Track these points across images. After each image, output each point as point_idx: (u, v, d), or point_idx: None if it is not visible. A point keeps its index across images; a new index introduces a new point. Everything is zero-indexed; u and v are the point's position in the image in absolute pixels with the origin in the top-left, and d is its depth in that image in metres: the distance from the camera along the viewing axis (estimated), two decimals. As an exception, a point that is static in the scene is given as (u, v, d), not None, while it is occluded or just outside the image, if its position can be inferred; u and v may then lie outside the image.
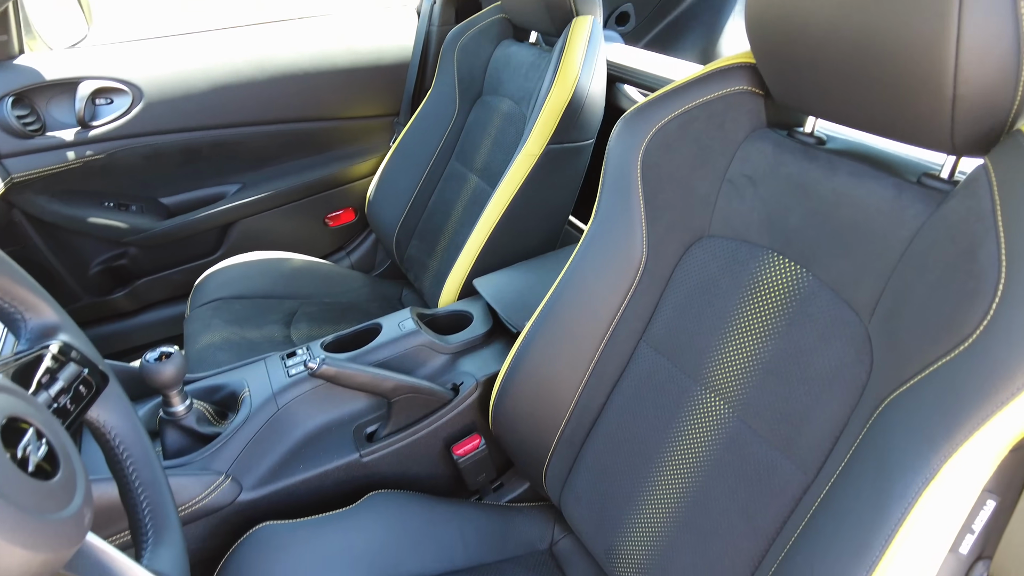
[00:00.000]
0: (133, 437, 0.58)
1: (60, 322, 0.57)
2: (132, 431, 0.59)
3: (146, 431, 0.60)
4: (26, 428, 0.42)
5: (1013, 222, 0.51)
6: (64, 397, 0.53)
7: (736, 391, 0.74)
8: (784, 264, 0.72)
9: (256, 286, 1.50)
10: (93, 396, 0.57)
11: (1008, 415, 0.49)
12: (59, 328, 0.56)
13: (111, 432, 0.58)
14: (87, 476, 0.44)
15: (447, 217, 1.50)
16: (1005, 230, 0.51)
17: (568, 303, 0.90)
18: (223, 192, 1.67)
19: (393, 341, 1.04)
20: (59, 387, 0.53)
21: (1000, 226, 0.52)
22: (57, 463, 0.43)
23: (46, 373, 0.53)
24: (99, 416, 0.58)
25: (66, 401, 0.53)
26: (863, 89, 0.60)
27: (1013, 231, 0.51)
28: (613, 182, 0.86)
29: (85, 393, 0.56)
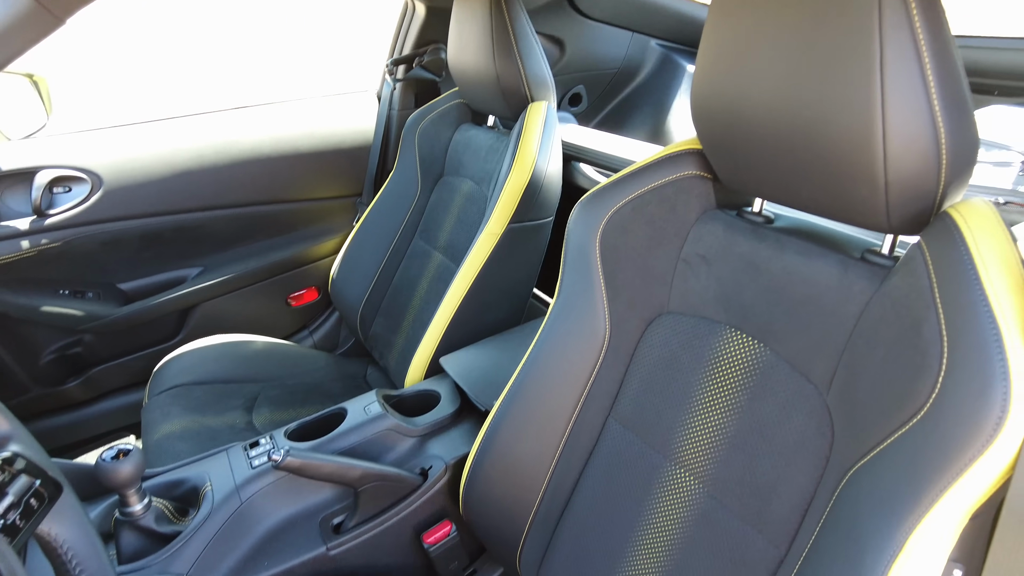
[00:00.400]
0: (87, 551, 0.56)
1: (10, 431, 0.55)
2: (86, 544, 0.56)
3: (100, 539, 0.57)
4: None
5: (949, 299, 0.54)
6: (13, 513, 0.51)
7: (704, 466, 0.75)
8: (742, 339, 0.74)
9: (216, 371, 1.47)
10: (45, 509, 0.54)
11: (964, 484, 0.50)
12: (9, 438, 0.55)
13: (63, 547, 0.55)
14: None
15: (412, 294, 1.51)
16: (943, 307, 0.54)
17: (536, 381, 0.90)
18: (184, 276, 1.66)
19: (359, 426, 1.02)
20: (8, 502, 0.51)
21: (938, 303, 0.55)
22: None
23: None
24: (51, 530, 0.55)
25: (15, 517, 0.51)
26: (804, 175, 0.64)
27: (950, 308, 0.53)
28: (574, 262, 0.88)
29: (36, 506, 0.53)
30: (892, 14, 0.52)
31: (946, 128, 0.55)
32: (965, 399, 0.50)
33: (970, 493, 0.50)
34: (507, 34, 1.26)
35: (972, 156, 0.59)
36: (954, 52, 0.55)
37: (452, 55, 1.42)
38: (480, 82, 1.36)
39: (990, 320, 0.51)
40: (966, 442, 0.50)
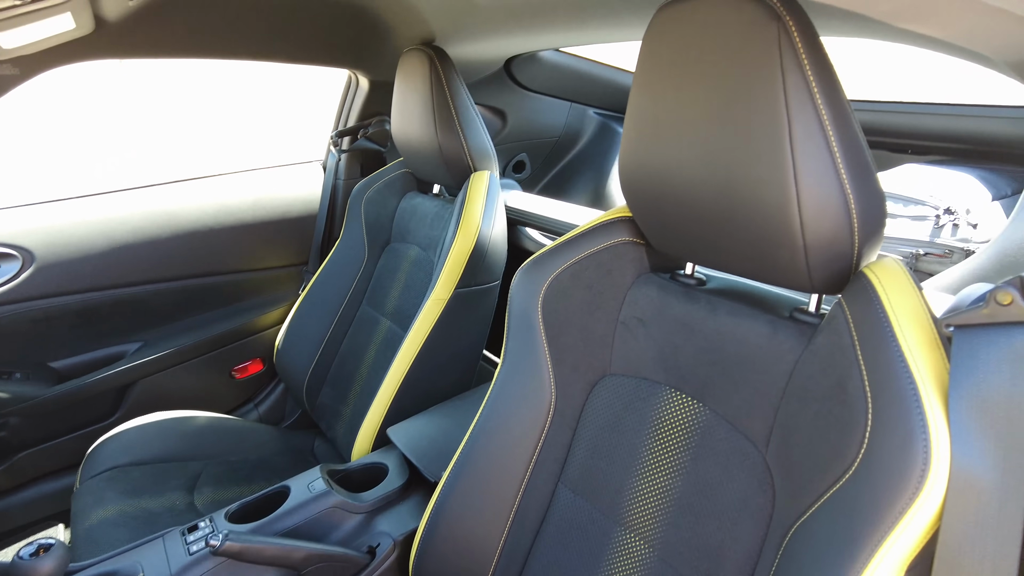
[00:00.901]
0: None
1: None
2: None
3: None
4: None
5: (870, 356, 0.56)
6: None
7: (654, 530, 0.75)
8: (682, 399, 0.76)
9: (156, 450, 1.41)
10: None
11: (897, 537, 0.51)
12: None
13: None
14: None
15: (360, 362, 1.49)
16: (865, 364, 0.57)
17: (483, 450, 0.89)
18: (122, 351, 1.60)
19: (302, 505, 0.99)
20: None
21: (861, 360, 0.57)
22: None
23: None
24: None
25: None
26: (730, 241, 0.67)
27: (871, 364, 0.56)
28: (518, 328, 0.89)
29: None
30: (796, 93, 0.57)
31: (854, 195, 0.59)
32: (890, 454, 0.52)
33: (903, 545, 0.52)
34: (448, 108, 1.30)
35: (881, 219, 0.63)
36: (855, 126, 0.60)
37: (396, 127, 1.46)
38: (424, 153, 1.39)
39: (907, 375, 0.53)
40: (895, 496, 0.51)
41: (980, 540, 0.50)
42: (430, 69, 1.31)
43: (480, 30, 1.38)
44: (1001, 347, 0.51)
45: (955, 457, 0.50)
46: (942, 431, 0.51)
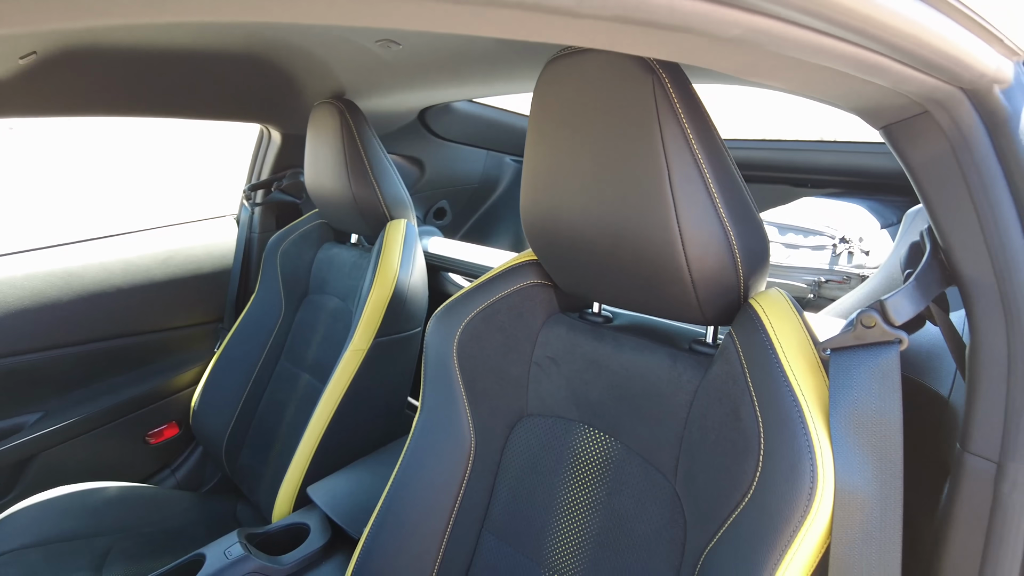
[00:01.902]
0: None
1: None
2: None
3: None
4: None
5: (759, 383, 0.60)
6: None
7: (575, 568, 0.76)
8: (595, 435, 0.77)
9: (59, 528, 1.32)
10: None
11: (793, 556, 0.54)
12: None
13: None
14: None
15: (280, 420, 1.45)
16: (755, 389, 0.60)
17: (405, 501, 0.88)
18: (20, 424, 1.50)
19: (219, 573, 0.94)
20: None
21: (751, 388, 0.60)
22: None
23: None
24: None
25: None
26: (626, 279, 0.70)
27: (761, 391, 0.59)
28: (434, 375, 0.89)
29: None
30: (672, 140, 0.61)
31: (735, 231, 0.63)
32: (782, 476, 0.55)
33: (800, 563, 0.54)
34: (360, 159, 1.31)
35: (763, 252, 0.67)
36: (732, 167, 0.64)
37: (310, 179, 1.45)
38: (338, 204, 1.39)
39: (792, 398, 0.57)
40: (788, 515, 0.54)
41: (866, 549, 0.53)
42: (340, 122, 1.32)
43: (389, 84, 1.41)
44: (869, 366, 0.55)
45: (838, 474, 0.53)
46: (826, 450, 0.54)
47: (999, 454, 0.52)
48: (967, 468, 0.55)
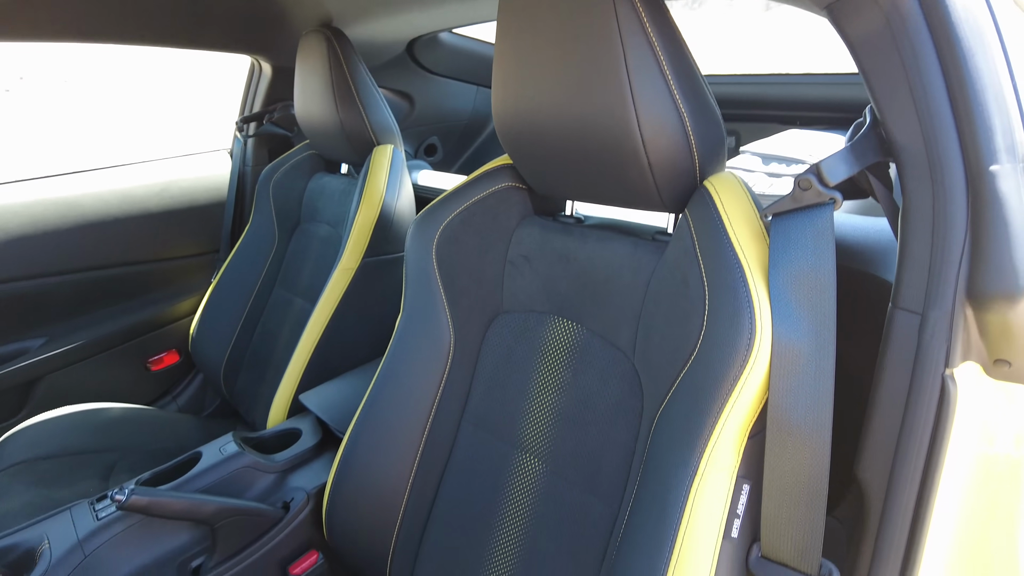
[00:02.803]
0: None
1: None
2: None
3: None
4: None
5: (706, 252, 0.64)
6: None
7: (545, 446, 0.81)
8: (563, 324, 0.82)
9: (67, 443, 1.38)
10: None
11: (734, 405, 0.59)
12: None
13: None
14: None
15: (274, 344, 1.50)
16: (703, 260, 0.64)
17: (387, 398, 0.93)
18: (25, 347, 1.56)
19: (214, 467, 1.00)
20: None
21: (699, 257, 0.64)
22: None
23: None
24: None
25: None
26: (590, 170, 0.74)
27: (708, 259, 0.63)
28: (415, 278, 0.93)
29: None
30: (628, 25, 0.64)
31: (689, 116, 0.66)
32: (723, 331, 0.60)
33: (740, 412, 0.59)
34: (347, 85, 1.34)
35: (718, 138, 0.70)
36: (687, 55, 0.67)
37: (299, 109, 1.48)
38: (327, 131, 1.42)
39: (736, 262, 0.61)
40: (728, 367, 0.59)
41: (802, 398, 0.57)
42: (328, 49, 1.34)
43: (376, 10, 1.42)
44: (806, 227, 0.59)
45: (776, 328, 0.58)
46: (764, 306, 0.58)
47: (923, 306, 0.57)
48: (897, 322, 0.59)
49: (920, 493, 0.58)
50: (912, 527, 0.58)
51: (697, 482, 0.60)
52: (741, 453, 0.60)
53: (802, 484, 0.58)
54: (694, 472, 0.60)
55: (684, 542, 0.59)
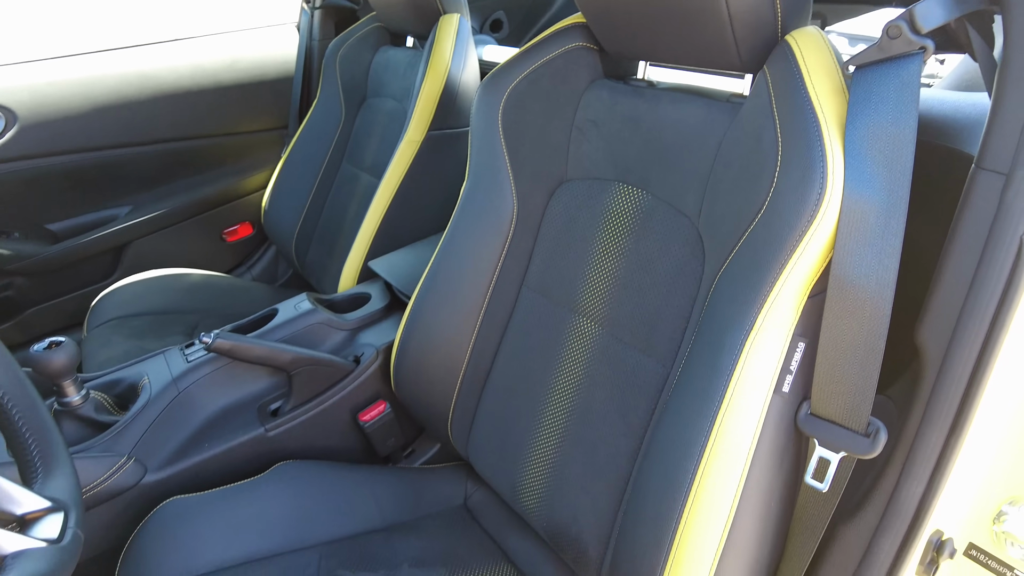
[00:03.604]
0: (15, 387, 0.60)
1: None
2: (13, 381, 0.60)
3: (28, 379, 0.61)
4: None
5: (783, 108, 0.61)
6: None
7: (602, 310, 0.83)
8: (627, 191, 0.81)
9: (155, 303, 1.49)
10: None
11: (797, 261, 0.58)
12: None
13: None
14: None
15: (343, 218, 1.54)
16: (779, 115, 0.62)
17: (451, 263, 0.96)
18: (113, 215, 1.65)
19: (290, 321, 1.07)
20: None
21: (775, 113, 0.62)
22: None
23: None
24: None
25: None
26: (667, 25, 0.70)
27: (783, 115, 0.61)
28: (479, 144, 0.93)
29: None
30: None
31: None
32: (793, 187, 0.58)
33: (803, 268, 0.58)
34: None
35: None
36: None
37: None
38: (393, 2, 1.39)
39: (813, 117, 0.58)
40: (794, 223, 0.58)
41: (867, 256, 0.56)
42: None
43: None
44: (891, 78, 0.56)
45: (848, 182, 0.56)
46: (838, 160, 0.56)
47: (1010, 166, 0.54)
48: (978, 183, 0.56)
49: (979, 357, 0.57)
50: (965, 392, 0.58)
51: (752, 336, 0.60)
52: (800, 311, 0.60)
53: (859, 343, 0.58)
54: (750, 327, 0.60)
55: (734, 393, 0.61)
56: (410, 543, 0.91)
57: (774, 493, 0.63)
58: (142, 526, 0.85)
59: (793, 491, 0.66)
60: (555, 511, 0.82)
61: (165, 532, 0.83)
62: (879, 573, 0.62)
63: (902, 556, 0.61)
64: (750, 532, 0.63)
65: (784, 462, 0.63)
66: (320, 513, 0.92)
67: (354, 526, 0.93)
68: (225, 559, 0.83)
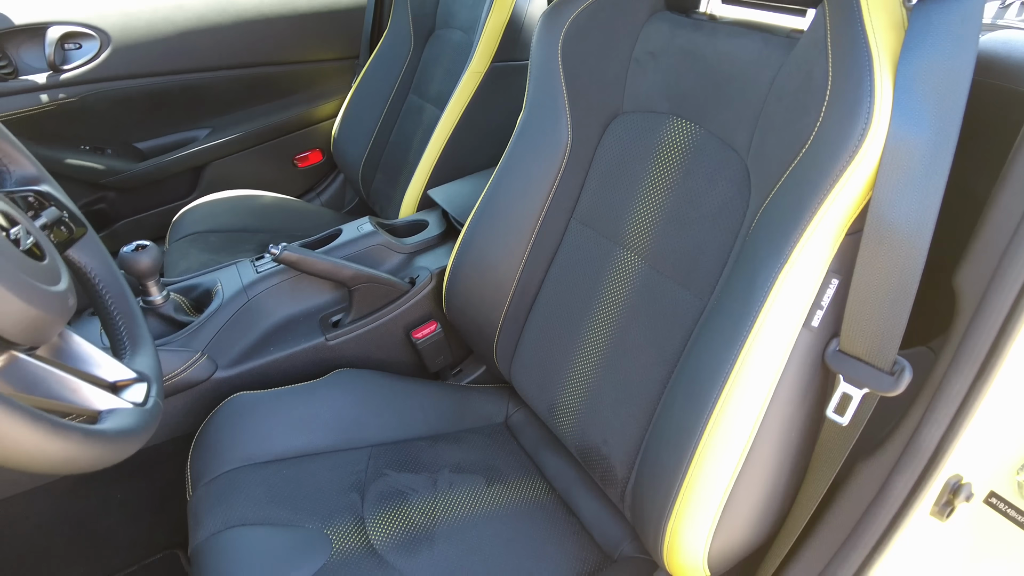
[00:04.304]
0: (110, 277, 0.68)
1: (39, 175, 0.66)
2: (109, 272, 0.68)
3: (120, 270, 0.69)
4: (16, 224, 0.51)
5: (837, 43, 0.61)
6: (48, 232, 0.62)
7: (646, 243, 0.84)
8: (681, 124, 0.82)
9: (229, 221, 1.59)
10: (73, 239, 0.66)
11: (836, 196, 0.58)
12: (40, 179, 0.66)
13: (91, 272, 0.67)
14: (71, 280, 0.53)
15: (407, 148, 1.59)
16: (832, 49, 0.61)
17: (504, 192, 0.99)
18: (194, 136, 1.75)
19: (352, 241, 1.13)
20: (43, 222, 0.62)
21: (829, 47, 0.61)
22: (44, 254, 0.52)
23: (30, 209, 0.62)
24: (79, 258, 0.67)
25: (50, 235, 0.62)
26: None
27: (837, 49, 0.60)
28: (538, 74, 0.95)
29: (66, 234, 0.65)
30: None
31: None
32: (837, 122, 0.58)
33: (842, 205, 0.59)
34: None
35: None
36: None
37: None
38: (464, -71, 1.39)
39: (866, 52, 0.58)
40: (836, 159, 0.58)
41: (907, 195, 0.56)
42: None
43: None
44: (952, 12, 0.54)
45: (895, 118, 0.56)
46: (887, 95, 0.56)
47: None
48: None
49: (1015, 304, 0.56)
50: (997, 338, 0.58)
51: (786, 270, 0.61)
52: (836, 248, 0.60)
53: (891, 282, 0.58)
54: (784, 261, 0.61)
55: (763, 324, 0.62)
56: (452, 452, 0.98)
57: (795, 425, 0.65)
58: (212, 416, 0.94)
59: (815, 425, 0.68)
60: (587, 433, 0.87)
61: (232, 423, 0.92)
62: (891, 508, 0.64)
63: (915, 494, 0.63)
64: (768, 460, 0.66)
65: (808, 395, 0.65)
66: (371, 417, 0.99)
67: (401, 432, 1.00)
68: (283, 450, 0.91)
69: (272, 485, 0.86)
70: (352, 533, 0.82)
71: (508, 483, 0.94)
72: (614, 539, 0.87)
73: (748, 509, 0.67)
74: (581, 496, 0.93)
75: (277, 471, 0.88)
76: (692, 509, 0.66)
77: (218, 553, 0.78)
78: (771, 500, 0.68)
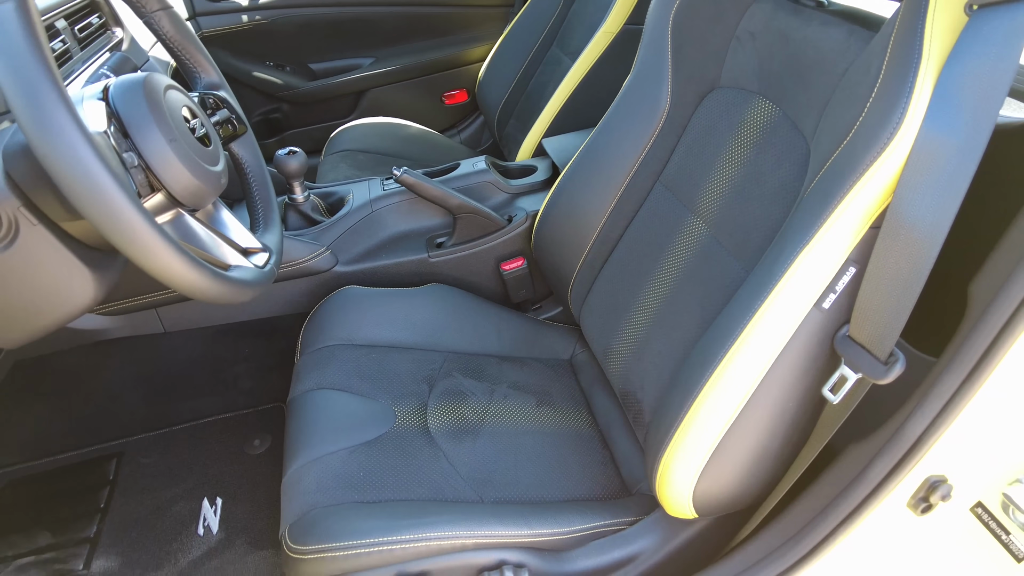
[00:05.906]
0: (258, 169, 0.86)
1: (220, 82, 0.85)
2: (258, 165, 0.86)
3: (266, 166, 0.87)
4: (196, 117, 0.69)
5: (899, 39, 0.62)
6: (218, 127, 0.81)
7: (713, 213, 0.91)
8: (764, 104, 0.86)
9: (377, 144, 1.79)
10: (236, 135, 0.84)
11: (862, 188, 0.62)
12: (220, 86, 0.84)
13: (244, 162, 0.86)
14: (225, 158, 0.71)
15: (541, 98, 1.68)
16: (892, 46, 0.63)
17: (600, 148, 1.07)
18: (359, 63, 1.96)
19: (466, 175, 1.27)
20: (216, 119, 0.81)
21: (891, 44, 0.64)
22: (211, 142, 0.70)
23: (208, 108, 0.81)
24: (238, 151, 0.85)
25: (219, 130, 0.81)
26: None
27: (896, 46, 0.62)
28: (649, 39, 1.01)
29: (231, 130, 0.83)
30: None
31: None
32: (876, 117, 0.62)
33: (867, 198, 0.62)
34: None
35: None
36: None
37: None
38: None
39: (918, 51, 0.59)
40: (868, 150, 0.61)
41: (928, 195, 0.59)
42: None
43: None
44: (1003, 21, 0.55)
45: (927, 120, 0.58)
46: (923, 98, 0.58)
47: None
48: None
49: (1016, 311, 0.58)
50: (993, 342, 0.60)
51: (806, 251, 0.66)
52: (859, 238, 0.64)
53: (900, 278, 0.60)
54: (805, 243, 0.66)
55: (777, 296, 0.68)
56: (515, 372, 1.11)
57: (793, 396, 0.71)
58: (326, 300, 1.13)
59: (813, 403, 0.72)
60: (629, 377, 0.96)
61: (340, 308, 1.11)
62: (865, 490, 0.68)
63: (890, 479, 0.66)
64: (761, 421, 0.72)
65: (810, 372, 0.70)
66: (453, 328, 1.15)
67: (476, 346, 1.15)
68: (376, 338, 1.09)
69: (361, 363, 1.04)
70: (414, 414, 0.98)
71: (557, 409, 1.06)
72: (638, 476, 0.97)
73: (736, 461, 0.74)
74: (618, 434, 1.03)
75: (367, 353, 1.06)
76: (684, 448, 0.74)
77: (308, 405, 0.97)
78: (760, 460, 0.74)
